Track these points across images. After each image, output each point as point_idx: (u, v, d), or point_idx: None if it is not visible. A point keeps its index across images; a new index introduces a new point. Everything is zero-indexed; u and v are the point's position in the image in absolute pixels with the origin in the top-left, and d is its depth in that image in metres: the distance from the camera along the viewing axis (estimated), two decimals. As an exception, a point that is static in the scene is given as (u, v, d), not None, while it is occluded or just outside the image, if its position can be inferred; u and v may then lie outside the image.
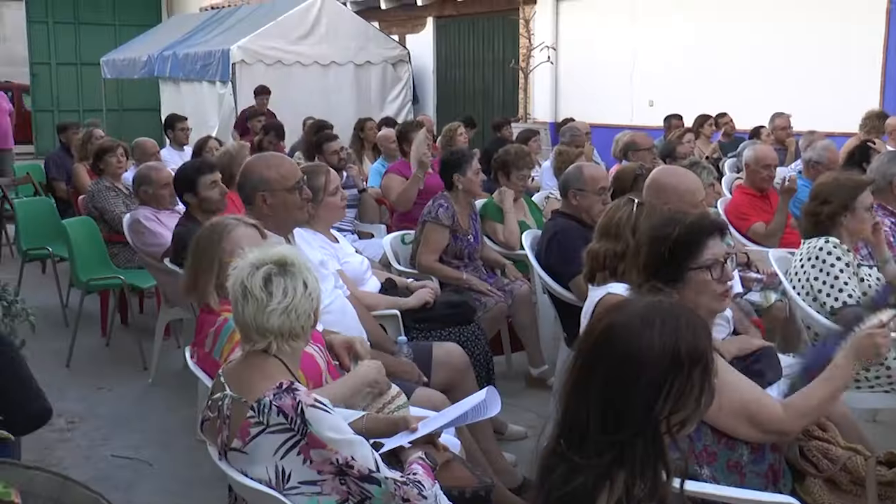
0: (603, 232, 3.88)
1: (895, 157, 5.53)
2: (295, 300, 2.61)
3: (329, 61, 15.86)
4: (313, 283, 2.68)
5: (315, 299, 2.67)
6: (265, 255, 2.65)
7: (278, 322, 2.61)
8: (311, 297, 2.65)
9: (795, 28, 12.28)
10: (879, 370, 4.27)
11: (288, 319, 2.61)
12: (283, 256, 2.65)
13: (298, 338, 2.67)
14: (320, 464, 2.49)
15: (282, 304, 2.60)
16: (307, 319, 2.66)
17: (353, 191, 7.60)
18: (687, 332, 1.82)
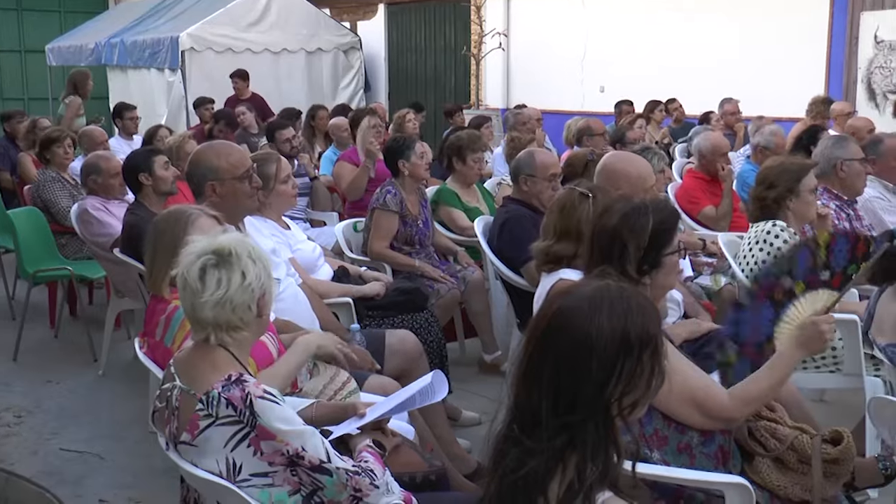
0: (562, 232, 3.87)
1: (838, 141, 5.61)
2: (229, 292, 2.55)
3: (280, 49, 15.72)
4: (256, 273, 2.60)
5: (256, 290, 2.60)
6: (207, 245, 2.59)
7: (212, 314, 2.57)
8: (249, 289, 2.58)
9: (743, 15, 12.42)
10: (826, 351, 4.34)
11: (223, 311, 2.57)
12: (223, 247, 2.59)
13: (239, 329, 2.61)
14: (271, 455, 2.48)
15: (214, 296, 2.55)
16: (245, 311, 2.59)
17: (304, 179, 7.56)
18: (636, 314, 1.83)
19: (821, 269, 3.05)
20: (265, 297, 2.65)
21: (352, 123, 7.93)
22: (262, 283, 2.62)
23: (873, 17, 11.58)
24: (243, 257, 2.59)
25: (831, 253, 3.05)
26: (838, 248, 3.06)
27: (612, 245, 2.95)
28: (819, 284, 3.04)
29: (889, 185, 5.86)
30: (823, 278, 3.04)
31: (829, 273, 3.04)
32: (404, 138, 6.06)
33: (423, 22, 17.31)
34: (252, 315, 2.62)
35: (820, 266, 3.04)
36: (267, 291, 2.65)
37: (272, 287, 2.70)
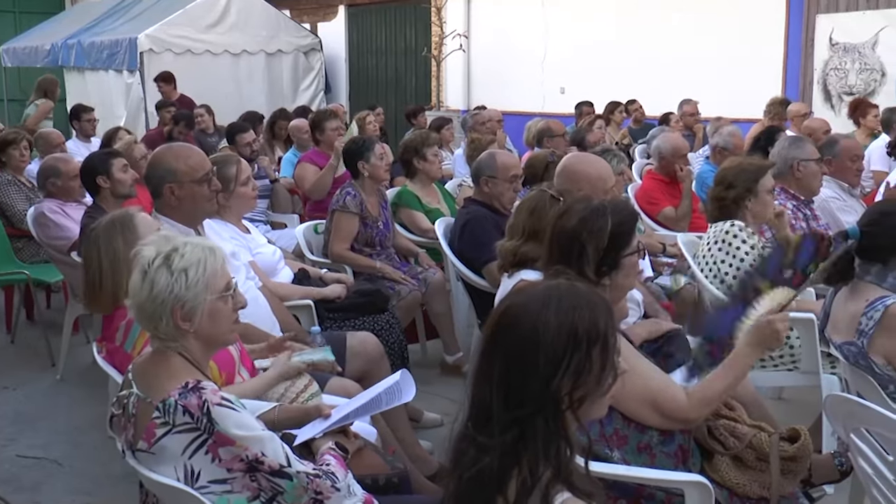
0: (530, 234, 3.87)
1: (795, 141, 5.66)
2: (138, 302, 2.53)
3: (240, 50, 15.65)
4: (167, 286, 2.51)
5: (168, 302, 2.51)
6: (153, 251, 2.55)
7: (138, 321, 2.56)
8: (157, 301, 2.51)
9: (702, 17, 12.53)
10: (783, 349, 4.39)
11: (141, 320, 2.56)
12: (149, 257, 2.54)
13: (165, 339, 2.56)
14: (229, 461, 2.46)
15: (131, 304, 2.55)
16: (158, 322, 2.53)
17: (264, 181, 7.53)
18: (585, 310, 1.84)
19: (786, 267, 3.08)
20: (185, 308, 2.53)
21: (312, 125, 7.90)
22: (178, 294, 2.52)
23: (828, 20, 11.74)
24: (154, 269, 2.52)
25: (798, 253, 3.08)
26: (805, 249, 3.09)
27: (570, 246, 2.96)
28: (782, 283, 3.08)
29: (845, 186, 5.94)
30: (786, 276, 3.08)
31: (791, 272, 3.08)
32: (363, 139, 6.05)
33: (383, 23, 17.29)
34: (168, 327, 2.54)
35: (786, 265, 3.08)
36: (188, 303, 2.53)
37: (200, 298, 2.56)
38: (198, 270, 2.55)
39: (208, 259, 2.59)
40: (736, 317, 3.09)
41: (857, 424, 2.89)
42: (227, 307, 2.66)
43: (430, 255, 6.09)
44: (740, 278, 3.39)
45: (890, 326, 3.32)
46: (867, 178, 7.76)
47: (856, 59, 11.58)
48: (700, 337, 3.19)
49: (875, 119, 9.24)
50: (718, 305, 3.25)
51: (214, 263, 2.60)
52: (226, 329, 2.69)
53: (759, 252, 4.47)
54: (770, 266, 3.11)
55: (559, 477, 1.78)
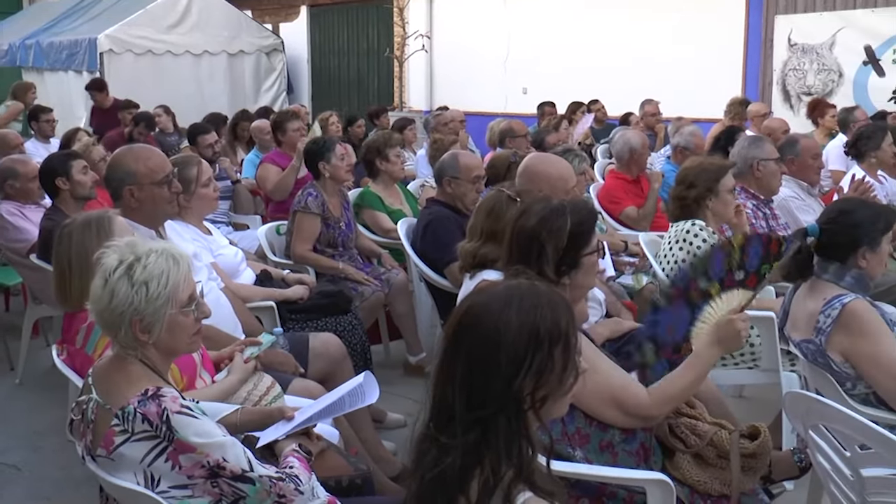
0: (488, 235, 3.88)
1: (754, 141, 5.72)
2: (99, 309, 2.51)
3: (201, 51, 15.57)
4: (126, 298, 2.48)
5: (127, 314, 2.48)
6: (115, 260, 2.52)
7: (106, 328, 2.54)
8: (116, 312, 2.48)
9: (664, 18, 12.64)
10: (744, 348, 4.43)
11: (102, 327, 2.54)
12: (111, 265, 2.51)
13: (120, 347, 2.54)
14: (190, 468, 2.44)
15: (92, 308, 2.53)
16: (118, 332, 2.51)
17: (226, 182, 7.49)
18: (546, 310, 1.85)
19: (736, 269, 3.09)
20: (144, 321, 2.50)
21: (274, 126, 7.86)
22: (137, 307, 2.48)
23: (787, 21, 11.88)
24: (115, 279, 2.48)
25: (746, 254, 3.10)
26: (752, 250, 3.11)
27: (530, 246, 2.96)
28: (735, 285, 3.09)
29: (804, 185, 6.00)
30: (738, 278, 3.09)
31: (743, 273, 3.10)
32: (325, 140, 6.03)
33: (345, 24, 17.26)
34: (126, 337, 2.51)
35: (735, 267, 3.09)
36: (146, 316, 2.50)
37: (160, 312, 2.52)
38: (159, 284, 2.50)
39: (171, 271, 2.53)
40: (686, 319, 3.10)
41: (816, 421, 2.92)
42: (188, 320, 2.61)
43: (393, 255, 6.08)
44: (672, 277, 3.35)
45: (847, 324, 3.35)
46: (825, 177, 7.84)
47: (814, 59, 11.73)
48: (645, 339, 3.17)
49: (833, 119, 9.36)
50: (658, 306, 3.24)
51: (177, 275, 2.55)
52: (186, 341, 2.65)
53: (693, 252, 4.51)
54: (714, 267, 3.11)
55: (521, 476, 1.79)
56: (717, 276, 3.10)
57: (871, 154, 6.34)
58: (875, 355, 3.30)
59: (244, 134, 9.89)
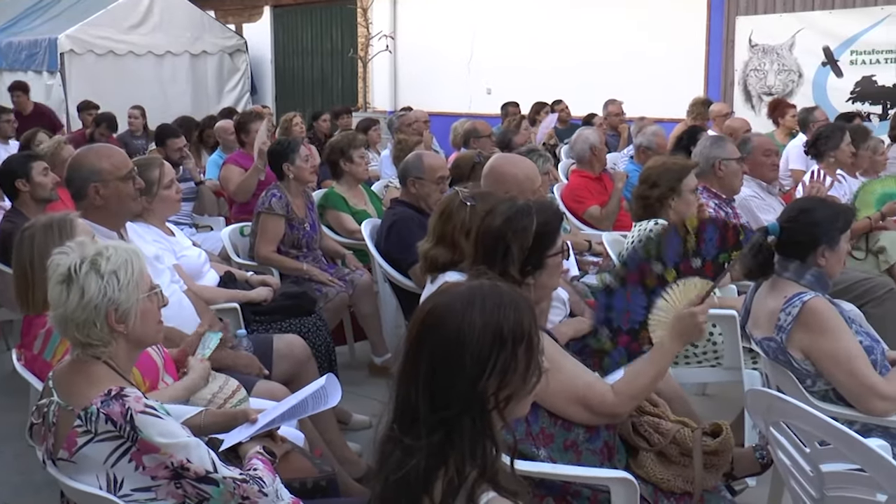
0: (439, 237, 3.88)
1: (716, 141, 5.77)
2: (67, 311, 2.49)
3: (164, 51, 15.45)
4: (99, 289, 2.49)
5: (102, 306, 2.49)
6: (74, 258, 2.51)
7: (61, 330, 2.54)
8: (90, 306, 2.48)
9: (627, 19, 12.72)
10: (706, 346, 4.46)
11: (67, 329, 2.52)
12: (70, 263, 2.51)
13: (94, 346, 2.52)
14: (154, 469, 2.42)
15: (57, 313, 2.51)
16: (91, 329, 2.50)
17: (189, 183, 7.43)
18: (509, 309, 1.85)
19: (692, 255, 3.08)
20: (119, 310, 2.52)
21: (238, 127, 7.82)
22: (112, 297, 2.50)
23: (748, 22, 11.99)
24: (82, 275, 2.49)
25: (701, 240, 3.08)
26: (708, 236, 3.08)
27: (496, 246, 2.96)
28: (691, 272, 3.08)
29: (763, 185, 6.07)
30: (695, 266, 3.08)
31: (700, 261, 3.08)
32: (289, 141, 6.01)
33: (309, 24, 17.20)
34: (102, 332, 2.51)
35: (691, 252, 3.08)
36: (121, 305, 2.52)
37: (133, 298, 2.55)
38: (127, 271, 2.54)
39: (133, 260, 2.58)
40: (641, 304, 3.10)
41: (776, 418, 2.95)
42: (154, 306, 2.67)
43: (358, 256, 6.07)
44: (624, 258, 3.29)
45: (807, 322, 3.39)
46: (786, 176, 7.94)
47: (774, 60, 11.85)
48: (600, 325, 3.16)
49: (793, 119, 9.46)
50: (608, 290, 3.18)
51: (140, 263, 2.60)
52: (155, 328, 2.70)
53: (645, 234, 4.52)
54: (669, 251, 3.09)
55: (484, 476, 1.79)
56: (672, 262, 3.08)
57: (829, 154, 6.43)
58: (834, 352, 3.34)
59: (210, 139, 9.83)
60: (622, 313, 3.13)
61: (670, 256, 3.08)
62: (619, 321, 3.13)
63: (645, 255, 3.11)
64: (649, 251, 3.11)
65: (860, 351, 3.36)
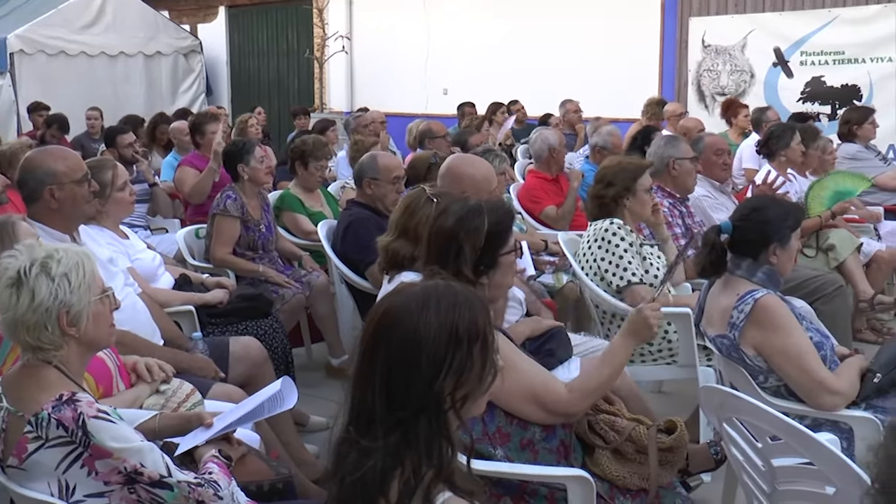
0: (401, 230, 3.88)
1: (670, 140, 5.82)
2: (17, 314, 2.47)
3: (117, 52, 15.28)
4: (50, 292, 2.47)
5: (53, 309, 2.47)
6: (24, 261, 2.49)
7: (11, 334, 2.51)
8: (41, 309, 2.46)
9: (582, 19, 12.79)
10: (662, 344, 4.51)
11: (17, 332, 2.49)
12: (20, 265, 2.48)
13: (45, 350, 2.50)
14: (107, 474, 2.40)
15: (7, 317, 2.49)
16: (42, 332, 2.47)
17: (143, 185, 7.36)
18: (464, 309, 1.86)
19: None
20: (71, 313, 2.50)
21: (192, 128, 7.75)
22: (63, 300, 2.48)
23: (700, 23, 12.11)
24: (32, 277, 2.46)
25: None
26: None
27: (448, 246, 2.97)
28: None
29: (716, 184, 6.13)
30: None
31: None
32: (244, 142, 5.97)
33: (264, 24, 17.11)
34: (53, 335, 2.49)
35: None
36: (73, 308, 2.50)
37: (84, 301, 2.53)
38: (78, 274, 2.52)
39: (84, 262, 2.56)
40: None
41: (729, 414, 2.98)
42: (106, 309, 2.64)
43: (314, 257, 6.05)
44: None
45: (759, 319, 3.43)
46: (739, 175, 8.04)
47: (727, 60, 11.99)
48: None
49: (746, 119, 9.58)
50: None
51: (91, 265, 2.58)
52: (107, 332, 2.68)
53: (636, 249, 4.58)
54: None
55: (441, 476, 1.79)
56: None
57: (781, 153, 6.52)
58: (785, 348, 3.39)
59: (162, 137, 9.74)
60: None
61: None
62: None
63: None
64: None
65: (810, 347, 3.41)
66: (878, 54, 10.90)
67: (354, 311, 5.35)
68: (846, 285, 5.76)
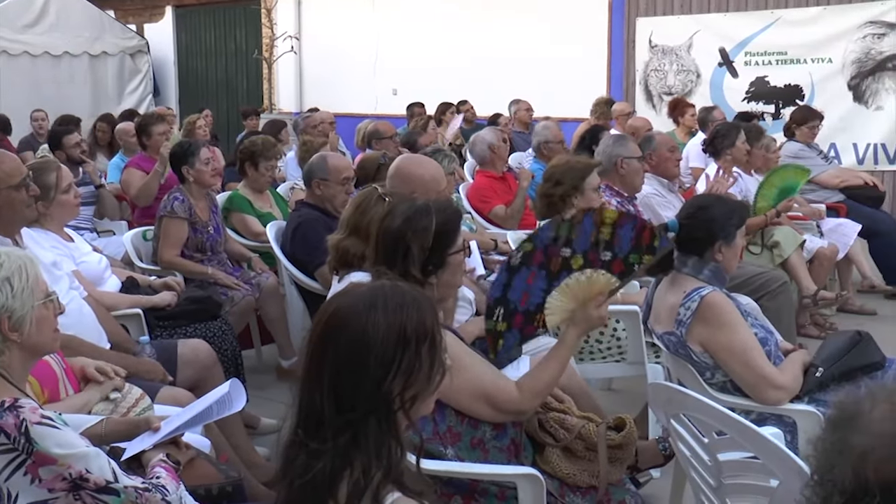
0: (352, 229, 3.87)
1: (618, 140, 5.88)
2: None
3: (61, 52, 15.04)
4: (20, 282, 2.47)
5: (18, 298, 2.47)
6: None
7: None
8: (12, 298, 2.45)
9: (531, 19, 12.86)
10: (611, 341, 4.55)
11: None
12: None
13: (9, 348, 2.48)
14: (51, 481, 2.36)
15: None
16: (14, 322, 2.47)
17: (89, 187, 7.27)
18: (412, 309, 1.86)
19: (603, 248, 3.04)
20: (13, 318, 2.48)
21: (139, 129, 7.67)
22: (5, 304, 2.46)
23: (647, 23, 12.23)
24: None
25: (616, 235, 3.04)
26: (624, 233, 3.04)
27: (396, 247, 2.96)
28: (599, 264, 3.04)
29: (664, 182, 6.20)
30: (604, 259, 3.04)
31: (610, 255, 3.04)
32: (189, 143, 5.93)
33: (212, 25, 16.97)
34: None
35: (602, 244, 3.04)
36: (15, 312, 2.48)
37: (27, 306, 2.51)
38: (21, 278, 2.48)
39: (27, 266, 2.53)
40: (542, 288, 3.06)
41: (676, 410, 3.02)
42: (50, 313, 2.61)
43: (264, 259, 6.01)
44: (534, 237, 3.14)
45: (705, 316, 3.47)
46: (686, 174, 8.12)
47: (673, 60, 12.12)
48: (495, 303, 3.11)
49: (692, 118, 9.69)
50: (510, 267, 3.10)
51: (34, 269, 2.55)
52: (51, 336, 2.64)
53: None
54: (580, 238, 3.03)
55: (390, 477, 1.79)
56: (581, 249, 3.04)
57: (726, 151, 6.60)
58: (730, 344, 3.44)
59: (104, 137, 9.62)
60: (520, 293, 3.08)
61: (580, 243, 3.04)
62: (515, 301, 3.08)
63: (554, 236, 3.06)
64: (560, 232, 3.05)
65: (755, 343, 3.46)
66: (819, 55, 11.09)
67: (304, 312, 5.33)
68: (790, 282, 5.85)
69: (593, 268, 3.06)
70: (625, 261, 3.07)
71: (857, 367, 3.53)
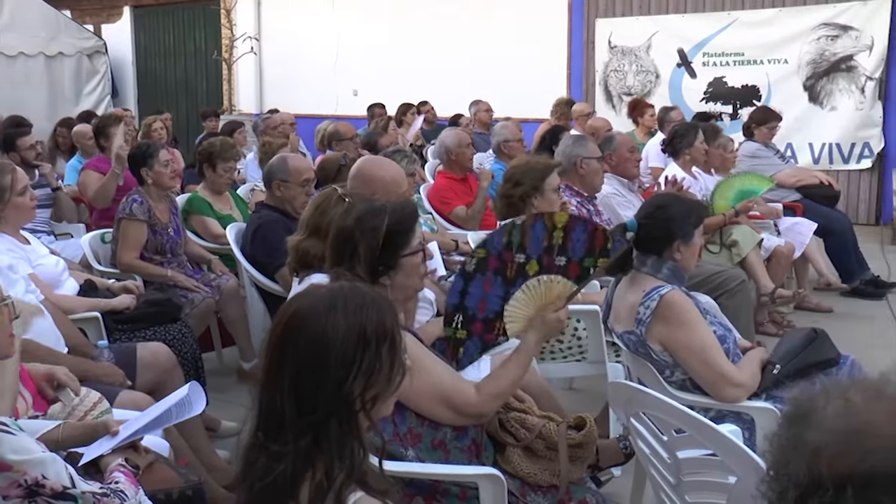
0: (312, 229, 3.85)
1: (578, 140, 5.91)
2: None
3: (16, 52, 14.83)
4: None
5: None
6: None
7: None
8: None
9: (491, 20, 12.92)
10: (572, 341, 4.57)
11: None
12: None
13: None
14: (6, 488, 2.33)
15: None
16: None
17: (46, 189, 7.18)
18: (371, 310, 1.86)
19: (556, 252, 3.07)
20: None
21: (97, 131, 7.59)
22: None
23: (607, 24, 12.32)
24: None
25: (569, 239, 3.07)
26: (576, 237, 3.07)
27: (344, 245, 2.94)
28: (555, 269, 3.08)
29: (624, 182, 6.24)
30: (559, 263, 3.08)
31: (565, 259, 3.08)
32: (148, 145, 5.88)
33: (171, 25, 16.86)
34: None
35: (556, 249, 3.06)
36: None
37: None
38: None
39: None
40: (499, 295, 3.08)
41: (636, 409, 3.04)
42: (4, 318, 2.59)
43: (224, 261, 5.97)
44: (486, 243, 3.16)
45: (664, 315, 3.50)
46: (646, 174, 8.18)
47: (633, 61, 12.21)
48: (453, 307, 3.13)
49: (652, 118, 9.77)
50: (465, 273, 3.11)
51: None
52: (7, 341, 2.63)
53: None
54: (532, 243, 3.06)
55: (353, 477, 1.79)
56: (535, 254, 3.07)
57: (685, 151, 6.67)
58: (689, 343, 3.46)
59: (65, 142, 9.52)
60: (478, 300, 3.09)
61: (534, 248, 3.06)
62: (473, 308, 3.10)
63: (506, 241, 3.07)
64: (511, 237, 3.07)
65: (714, 341, 3.49)
66: (776, 56, 11.23)
67: (265, 314, 5.30)
68: (748, 280, 5.91)
69: (549, 273, 3.09)
70: (580, 264, 3.10)
71: (812, 364, 3.58)
